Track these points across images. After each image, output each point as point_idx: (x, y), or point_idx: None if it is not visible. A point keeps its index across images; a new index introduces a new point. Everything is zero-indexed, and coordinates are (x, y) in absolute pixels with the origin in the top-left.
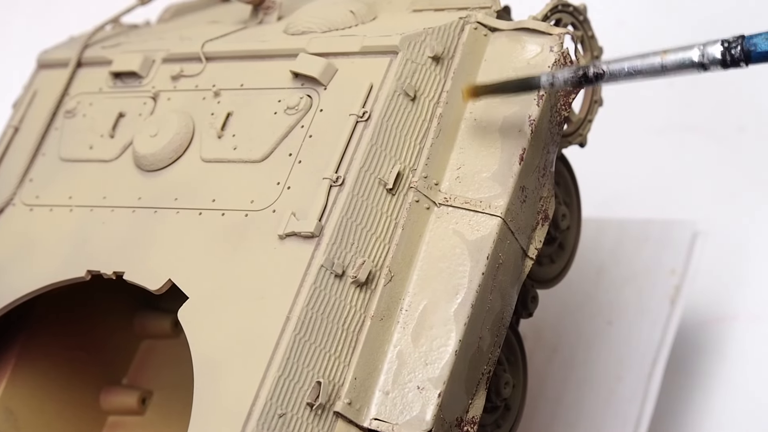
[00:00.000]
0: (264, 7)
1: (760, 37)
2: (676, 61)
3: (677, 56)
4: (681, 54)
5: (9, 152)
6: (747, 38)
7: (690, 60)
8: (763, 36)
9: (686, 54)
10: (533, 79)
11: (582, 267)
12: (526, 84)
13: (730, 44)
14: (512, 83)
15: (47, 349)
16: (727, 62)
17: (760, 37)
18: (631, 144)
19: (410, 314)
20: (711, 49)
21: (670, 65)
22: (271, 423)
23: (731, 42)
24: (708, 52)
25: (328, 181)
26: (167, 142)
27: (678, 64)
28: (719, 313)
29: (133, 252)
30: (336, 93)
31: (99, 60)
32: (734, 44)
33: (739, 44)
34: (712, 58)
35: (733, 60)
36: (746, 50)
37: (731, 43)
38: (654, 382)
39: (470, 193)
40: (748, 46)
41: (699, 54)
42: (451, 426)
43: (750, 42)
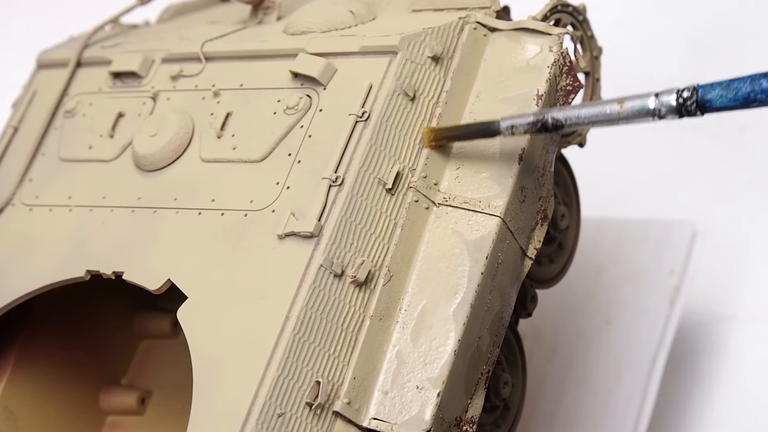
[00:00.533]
0: (263, 7)
1: (713, 93)
2: (633, 110)
3: (634, 104)
4: (638, 102)
5: (8, 152)
6: (701, 92)
7: (646, 109)
8: (716, 91)
9: (642, 102)
10: (493, 124)
11: (581, 267)
12: (485, 130)
13: (685, 99)
14: (472, 128)
15: (47, 349)
16: (683, 113)
17: (714, 93)
18: (631, 144)
19: (409, 314)
20: (666, 98)
21: (627, 113)
22: (271, 422)
23: (686, 97)
24: (663, 102)
25: (327, 180)
26: (167, 142)
27: (634, 112)
28: (718, 313)
29: (133, 252)
30: (335, 93)
31: (98, 60)
32: (689, 98)
33: (694, 97)
34: (668, 107)
35: (688, 112)
36: (700, 104)
37: (686, 97)
38: (653, 382)
39: (469, 193)
40: (703, 102)
41: (655, 102)
42: (450, 426)
43: (705, 98)
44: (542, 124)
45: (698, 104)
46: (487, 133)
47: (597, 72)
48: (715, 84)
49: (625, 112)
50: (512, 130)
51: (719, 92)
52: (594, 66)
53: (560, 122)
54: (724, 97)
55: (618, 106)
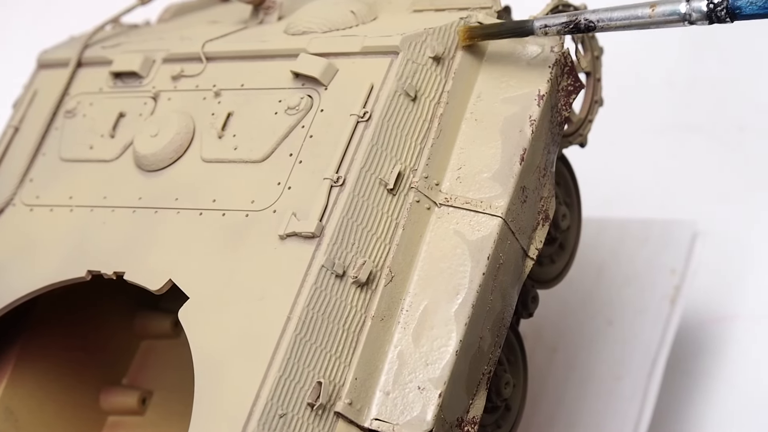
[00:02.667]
0: (264, 7)
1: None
2: (664, 13)
3: (665, 8)
4: (668, 6)
5: (9, 152)
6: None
7: (677, 12)
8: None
9: (673, 6)
10: (527, 23)
11: (582, 267)
12: (519, 29)
13: (716, 5)
14: (506, 26)
15: (47, 350)
16: (713, 19)
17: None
18: (631, 144)
19: (411, 314)
20: (697, 3)
21: (658, 16)
22: (272, 423)
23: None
24: (694, 6)
25: (328, 181)
26: (168, 142)
27: (666, 15)
28: (719, 313)
29: (134, 252)
30: (337, 93)
31: (99, 60)
32: (720, 4)
33: (725, 3)
34: (698, 11)
35: (719, 18)
36: (730, 11)
37: (717, 4)
38: (654, 382)
39: (471, 194)
40: (733, 8)
41: (686, 7)
42: (451, 426)
43: (735, 4)
44: (575, 24)
45: (728, 10)
46: (521, 32)
47: (598, 72)
48: None
49: (657, 15)
50: (545, 29)
51: None
52: (595, 66)
53: (593, 23)
54: (754, 5)
55: (650, 9)
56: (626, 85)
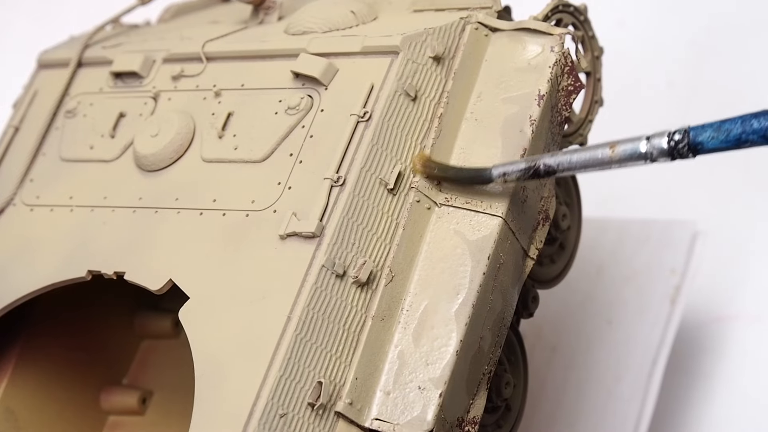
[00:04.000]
0: (264, 7)
1: (705, 135)
2: (625, 153)
3: (625, 147)
4: (629, 146)
5: (9, 152)
6: (692, 134)
7: (637, 152)
8: (708, 133)
9: (634, 145)
10: (485, 171)
11: (582, 267)
12: (477, 177)
13: (676, 142)
14: (465, 173)
15: (48, 349)
16: (675, 155)
17: (705, 135)
18: None
19: (411, 314)
20: (657, 141)
21: (619, 157)
22: (273, 423)
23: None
24: (655, 144)
25: (329, 181)
26: (168, 142)
27: (626, 155)
28: (719, 313)
29: (134, 252)
30: (337, 93)
31: (99, 60)
32: (681, 141)
33: (686, 140)
34: (659, 149)
35: (680, 154)
36: (692, 146)
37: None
38: (654, 382)
39: (471, 194)
40: (694, 144)
41: (646, 146)
42: (452, 426)
43: (696, 140)
44: (534, 170)
45: (690, 147)
46: (480, 180)
47: (598, 72)
48: (707, 126)
49: (617, 156)
50: (504, 177)
51: (711, 134)
52: (595, 66)
53: (552, 168)
54: (715, 139)
55: (609, 151)
56: (626, 85)
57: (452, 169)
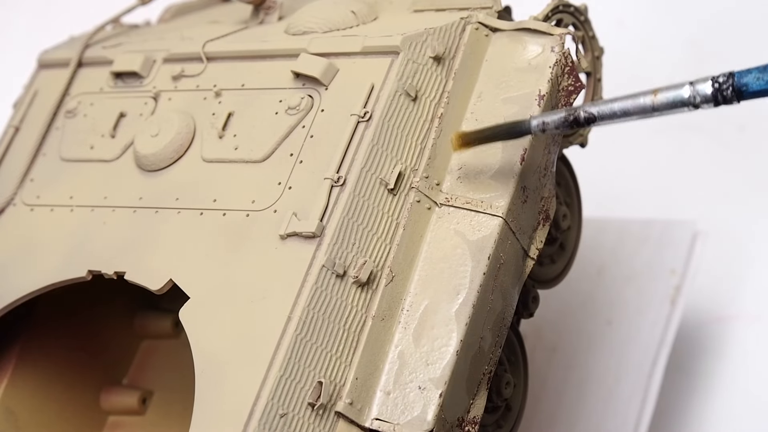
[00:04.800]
0: (265, 7)
1: (750, 76)
2: (668, 100)
3: (668, 94)
4: (672, 93)
5: (10, 152)
6: (737, 76)
7: (681, 99)
8: (753, 75)
9: (677, 92)
10: (523, 123)
11: (582, 267)
12: (515, 130)
13: (720, 84)
14: (501, 129)
15: (48, 349)
16: (719, 100)
17: (751, 76)
18: (631, 144)
19: (411, 314)
20: (701, 86)
21: (661, 105)
22: (273, 423)
23: (722, 82)
24: (699, 90)
25: (329, 181)
26: (168, 142)
27: (669, 102)
28: (719, 313)
29: (134, 252)
30: (337, 93)
31: (100, 60)
32: (725, 84)
33: (730, 83)
34: (703, 95)
35: (725, 99)
36: (737, 89)
37: (722, 83)
38: (654, 382)
39: (471, 194)
40: (739, 86)
41: (690, 91)
42: (452, 426)
43: (741, 82)
44: (575, 118)
45: (735, 90)
46: (518, 132)
47: (598, 72)
48: (751, 69)
49: (659, 102)
50: (543, 126)
51: (756, 75)
52: (595, 66)
53: (593, 116)
54: (761, 80)
55: (652, 96)
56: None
57: (488, 129)
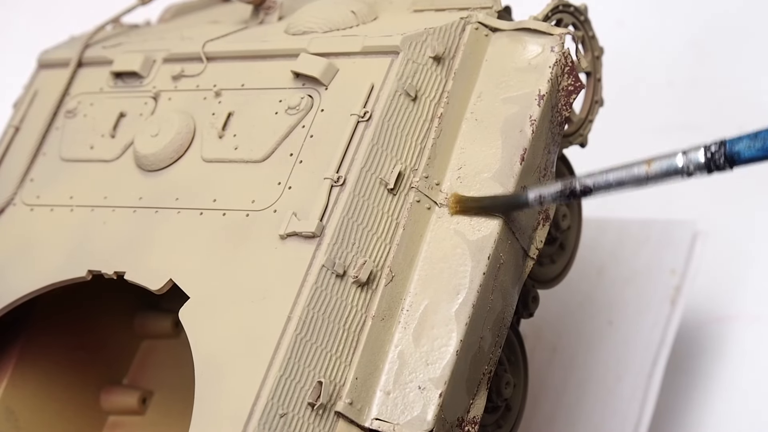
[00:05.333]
0: (265, 7)
1: (741, 144)
2: (661, 169)
3: (662, 164)
4: (665, 162)
5: (10, 152)
6: (728, 145)
7: (674, 167)
8: (744, 143)
9: (670, 161)
10: (520, 197)
11: (582, 267)
12: (513, 203)
13: (713, 153)
14: (500, 201)
15: (48, 349)
16: (711, 168)
17: (742, 144)
18: (631, 144)
19: (411, 314)
20: (694, 155)
21: (655, 174)
22: (273, 423)
23: (714, 151)
24: (691, 158)
25: (329, 181)
26: (168, 142)
27: (663, 172)
28: (719, 313)
29: (134, 252)
30: (337, 93)
31: (100, 60)
32: (717, 153)
33: (722, 152)
34: (696, 164)
35: (717, 167)
36: (729, 157)
37: (714, 152)
38: (654, 382)
39: (471, 193)
40: (731, 154)
41: (683, 161)
42: (452, 426)
43: (732, 150)
44: (571, 191)
45: (726, 158)
46: (515, 205)
47: (598, 72)
48: (742, 136)
49: (653, 172)
50: (540, 200)
51: (747, 143)
52: (595, 66)
53: (588, 188)
54: (752, 148)
55: (646, 166)
56: (626, 85)
57: (486, 199)
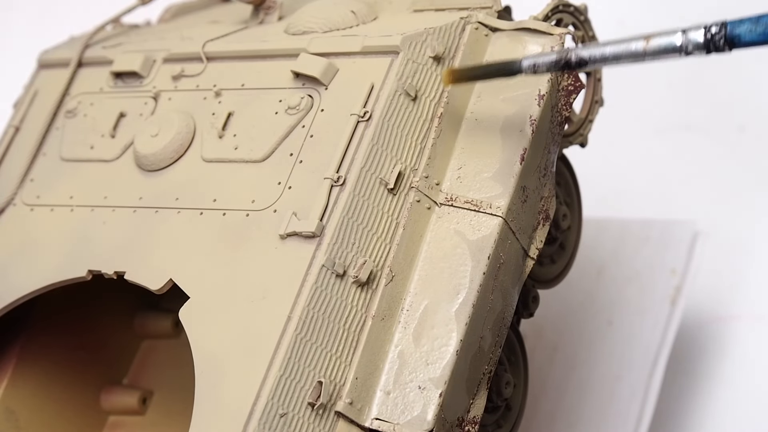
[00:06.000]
0: (265, 7)
1: (743, 27)
2: (659, 46)
3: (660, 41)
4: (664, 39)
5: (10, 152)
6: (730, 27)
7: (672, 45)
8: (746, 26)
9: (669, 39)
10: (514, 63)
11: (583, 267)
12: (507, 68)
13: (713, 34)
14: (493, 67)
15: (48, 349)
16: (710, 48)
17: (743, 27)
18: (631, 144)
19: (411, 314)
20: (693, 34)
21: (653, 50)
22: (273, 423)
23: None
24: (690, 38)
25: (329, 180)
26: (168, 142)
27: (661, 49)
28: (720, 313)
29: (134, 252)
30: (337, 93)
31: (100, 60)
32: (717, 34)
33: (723, 33)
34: (695, 43)
35: (717, 47)
36: (729, 39)
37: (714, 33)
38: (654, 382)
39: (471, 193)
40: (732, 36)
41: (682, 39)
42: (452, 426)
43: (733, 32)
44: (566, 61)
45: (727, 39)
46: (509, 71)
47: (598, 72)
48: (744, 19)
49: (651, 48)
50: (534, 68)
51: (748, 27)
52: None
53: (584, 60)
54: (753, 32)
55: (644, 42)
56: (626, 85)
57: (480, 67)
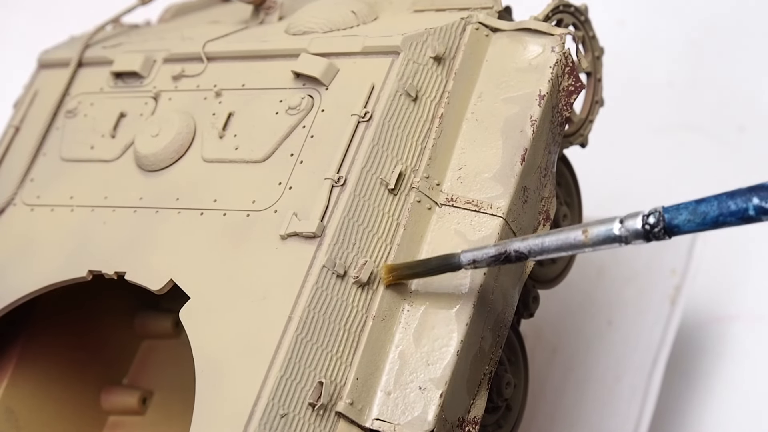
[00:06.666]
0: (265, 7)
1: (681, 218)
2: (598, 236)
3: (598, 230)
4: (602, 227)
5: (10, 152)
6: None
7: (611, 234)
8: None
9: (607, 227)
10: (453, 257)
11: (582, 267)
12: (446, 264)
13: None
14: (433, 263)
15: (48, 349)
16: (650, 237)
17: (682, 218)
18: (631, 144)
19: (412, 314)
20: (631, 223)
21: (592, 241)
22: (273, 423)
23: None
24: (629, 227)
25: (329, 181)
26: (168, 142)
27: (600, 239)
28: (719, 313)
29: (135, 252)
30: (338, 93)
31: (100, 60)
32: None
33: (661, 223)
34: (633, 231)
35: (655, 236)
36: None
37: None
38: (654, 382)
39: (472, 194)
40: (671, 227)
41: (619, 230)
42: (452, 426)
43: (672, 224)
44: (505, 257)
45: (666, 230)
46: (448, 267)
47: (599, 72)
48: (681, 207)
49: (591, 239)
50: (474, 263)
51: (687, 217)
52: (596, 66)
53: (523, 254)
54: (692, 222)
55: (582, 234)
56: (626, 85)
57: (420, 263)
